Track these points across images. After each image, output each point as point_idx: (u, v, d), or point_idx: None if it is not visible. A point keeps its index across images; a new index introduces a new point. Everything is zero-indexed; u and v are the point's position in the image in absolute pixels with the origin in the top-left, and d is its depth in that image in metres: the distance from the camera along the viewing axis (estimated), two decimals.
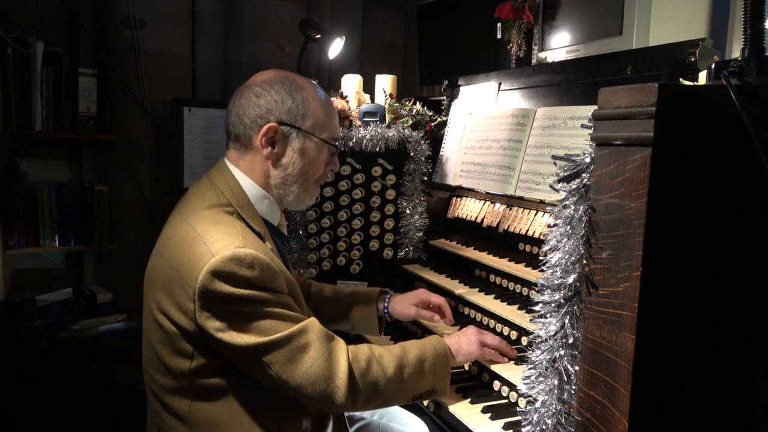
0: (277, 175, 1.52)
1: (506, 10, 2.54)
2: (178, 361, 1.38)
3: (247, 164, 1.52)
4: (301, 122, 1.50)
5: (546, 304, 1.17)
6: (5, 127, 2.98)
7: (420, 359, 1.50)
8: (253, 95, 1.48)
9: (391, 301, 1.91)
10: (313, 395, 1.35)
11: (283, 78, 1.51)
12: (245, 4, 3.64)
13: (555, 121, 1.90)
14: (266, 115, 1.47)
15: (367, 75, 2.97)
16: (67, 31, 3.35)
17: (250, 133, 1.48)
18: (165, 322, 1.38)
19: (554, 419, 1.17)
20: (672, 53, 1.65)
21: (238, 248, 1.30)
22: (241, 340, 1.30)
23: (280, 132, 1.48)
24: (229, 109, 1.52)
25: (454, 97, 2.59)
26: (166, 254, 1.40)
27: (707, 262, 1.05)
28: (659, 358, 1.01)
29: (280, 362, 1.32)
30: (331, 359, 1.36)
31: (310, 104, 1.51)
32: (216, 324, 1.30)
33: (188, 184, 3.40)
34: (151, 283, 1.45)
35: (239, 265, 1.29)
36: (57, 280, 3.37)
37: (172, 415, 1.43)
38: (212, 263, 1.28)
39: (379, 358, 1.44)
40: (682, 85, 1.12)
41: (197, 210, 1.43)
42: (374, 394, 1.42)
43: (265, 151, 1.49)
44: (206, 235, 1.34)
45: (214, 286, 1.28)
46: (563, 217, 1.12)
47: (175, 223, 1.45)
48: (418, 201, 2.48)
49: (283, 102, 1.48)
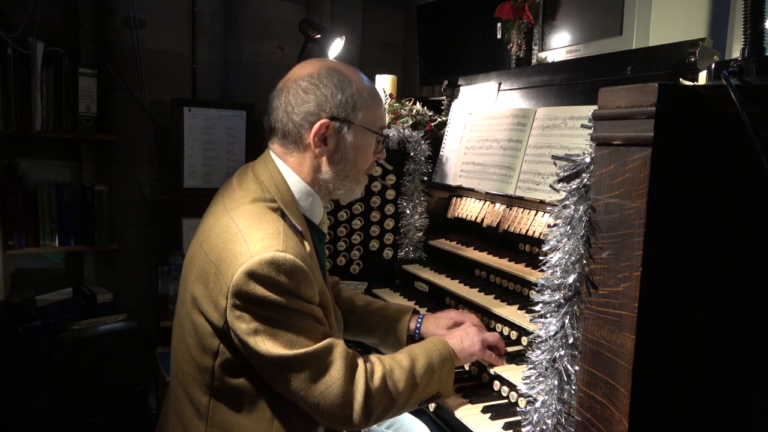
0: (329, 170, 1.49)
1: (506, 10, 2.54)
2: (203, 356, 1.38)
3: (295, 160, 1.49)
4: (353, 115, 1.47)
5: (546, 304, 1.17)
6: (5, 127, 2.98)
7: (428, 368, 1.49)
8: (302, 91, 1.44)
9: (423, 322, 1.81)
10: (328, 414, 1.34)
11: (329, 70, 1.46)
12: (245, 4, 3.64)
13: (555, 121, 1.90)
14: (317, 111, 1.44)
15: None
16: (67, 31, 3.35)
17: (301, 131, 1.45)
18: (197, 314, 1.37)
19: (554, 419, 1.17)
20: (672, 53, 1.65)
21: (278, 252, 1.28)
22: (265, 348, 1.28)
23: (332, 128, 1.45)
24: (275, 106, 1.48)
25: (454, 97, 2.59)
26: (206, 245, 1.39)
27: (707, 262, 1.05)
28: (659, 358, 1.01)
29: (300, 378, 1.31)
30: (350, 382, 1.34)
31: (360, 95, 1.47)
32: (244, 326, 1.29)
33: (188, 185, 3.42)
34: (188, 271, 1.44)
35: (277, 270, 1.27)
36: (57, 280, 3.37)
37: (191, 407, 1.43)
38: (250, 264, 1.27)
39: (390, 372, 1.43)
40: (682, 85, 1.12)
41: (241, 203, 1.41)
42: (387, 411, 1.42)
43: (318, 149, 1.46)
44: (247, 232, 1.32)
45: (249, 287, 1.27)
46: (563, 217, 1.12)
47: (218, 215, 1.43)
48: (418, 201, 2.48)
49: (334, 96, 1.44)
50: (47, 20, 3.20)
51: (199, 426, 1.42)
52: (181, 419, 1.47)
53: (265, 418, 1.39)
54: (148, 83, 3.40)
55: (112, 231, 3.38)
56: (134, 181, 3.41)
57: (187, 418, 1.44)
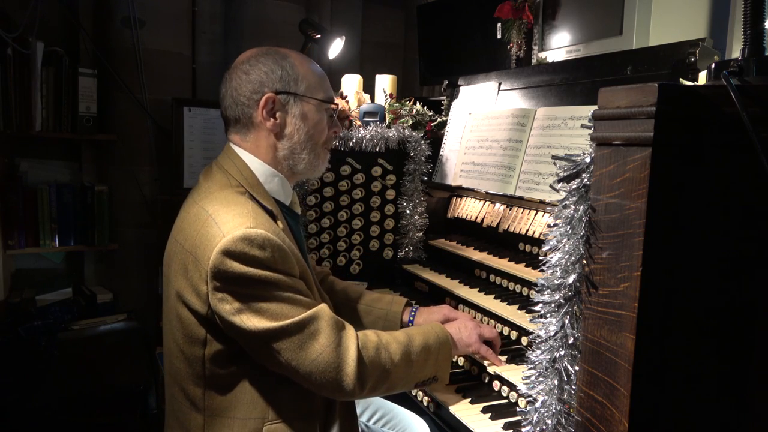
0: (284, 146, 1.53)
1: (506, 10, 2.54)
2: (192, 348, 1.40)
3: (251, 144, 1.53)
4: (296, 87, 1.51)
5: (546, 304, 1.17)
6: (5, 127, 2.98)
7: (425, 347, 1.52)
8: (242, 73, 1.50)
9: (417, 314, 1.84)
10: (321, 382, 1.36)
11: (266, 51, 1.53)
12: (245, 4, 3.64)
13: (555, 121, 1.90)
14: (260, 89, 1.49)
15: (367, 75, 2.97)
16: (67, 31, 3.35)
17: (249, 111, 1.50)
18: (181, 307, 1.40)
19: (554, 419, 1.17)
20: (672, 53, 1.65)
21: (249, 228, 1.31)
22: (251, 324, 1.30)
23: (278, 101, 1.49)
24: (222, 95, 1.53)
25: (454, 97, 2.59)
26: (180, 237, 1.42)
27: (707, 262, 1.05)
28: (659, 358, 1.01)
29: (290, 349, 1.33)
30: (341, 347, 1.37)
31: (300, 68, 1.52)
32: (227, 307, 1.31)
33: (188, 184, 3.41)
34: (168, 268, 1.47)
35: (250, 245, 1.30)
36: (57, 280, 3.36)
37: (187, 401, 1.44)
38: (224, 243, 1.29)
39: (386, 344, 1.46)
40: (682, 85, 1.12)
41: (209, 192, 1.45)
42: (381, 381, 1.43)
43: (268, 123, 1.50)
44: (217, 215, 1.35)
45: (226, 266, 1.29)
46: (563, 217, 1.12)
47: (188, 207, 1.47)
48: (418, 201, 2.48)
49: (273, 72, 1.49)
50: (47, 20, 3.20)
51: (197, 418, 1.43)
52: (179, 417, 1.48)
53: (260, 398, 1.41)
54: (148, 83, 3.40)
55: (112, 231, 3.38)
56: (134, 181, 3.42)
57: (184, 414, 1.45)
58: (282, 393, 1.42)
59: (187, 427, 1.45)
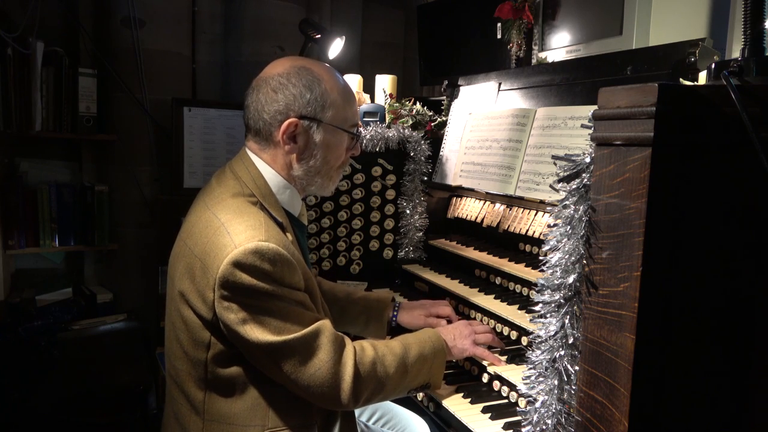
0: (300, 167, 1.52)
1: (506, 10, 2.54)
2: (196, 350, 1.40)
3: (269, 156, 1.52)
4: (322, 114, 1.49)
5: (546, 304, 1.17)
6: (5, 127, 2.98)
7: (420, 357, 1.54)
8: (271, 90, 1.47)
9: (399, 311, 1.93)
10: (318, 395, 1.38)
11: (299, 69, 1.48)
12: (245, 4, 3.64)
13: (555, 121, 1.90)
14: (285, 111, 1.46)
15: (367, 75, 2.97)
16: (67, 31, 3.34)
17: (270, 129, 1.48)
18: (186, 309, 1.40)
19: (554, 419, 1.17)
20: (672, 53, 1.65)
21: (261, 242, 1.31)
22: (254, 336, 1.31)
23: (300, 126, 1.47)
24: (247, 103, 1.51)
25: (454, 97, 2.59)
26: (190, 241, 1.41)
27: (707, 262, 1.05)
28: (659, 358, 1.01)
29: (291, 363, 1.35)
30: (339, 364, 1.39)
31: (329, 95, 1.49)
32: (232, 317, 1.32)
33: (188, 184, 3.41)
34: (173, 268, 1.47)
35: (261, 258, 1.30)
36: (57, 280, 3.36)
37: (187, 403, 1.44)
38: (235, 254, 1.30)
39: (382, 357, 1.48)
40: (682, 85, 1.12)
41: (222, 199, 1.44)
42: (375, 393, 1.46)
43: (287, 146, 1.49)
44: (230, 225, 1.35)
45: (235, 277, 1.30)
46: (563, 217, 1.12)
47: (200, 211, 1.46)
48: (418, 201, 2.48)
49: (302, 96, 1.46)
50: (47, 20, 3.20)
51: (197, 422, 1.43)
52: (178, 418, 1.48)
53: (260, 405, 1.41)
54: (148, 83, 3.39)
55: (112, 231, 3.38)
56: (134, 181, 3.41)
57: (183, 416, 1.45)
58: (282, 401, 1.43)
59: (186, 430, 1.45)
